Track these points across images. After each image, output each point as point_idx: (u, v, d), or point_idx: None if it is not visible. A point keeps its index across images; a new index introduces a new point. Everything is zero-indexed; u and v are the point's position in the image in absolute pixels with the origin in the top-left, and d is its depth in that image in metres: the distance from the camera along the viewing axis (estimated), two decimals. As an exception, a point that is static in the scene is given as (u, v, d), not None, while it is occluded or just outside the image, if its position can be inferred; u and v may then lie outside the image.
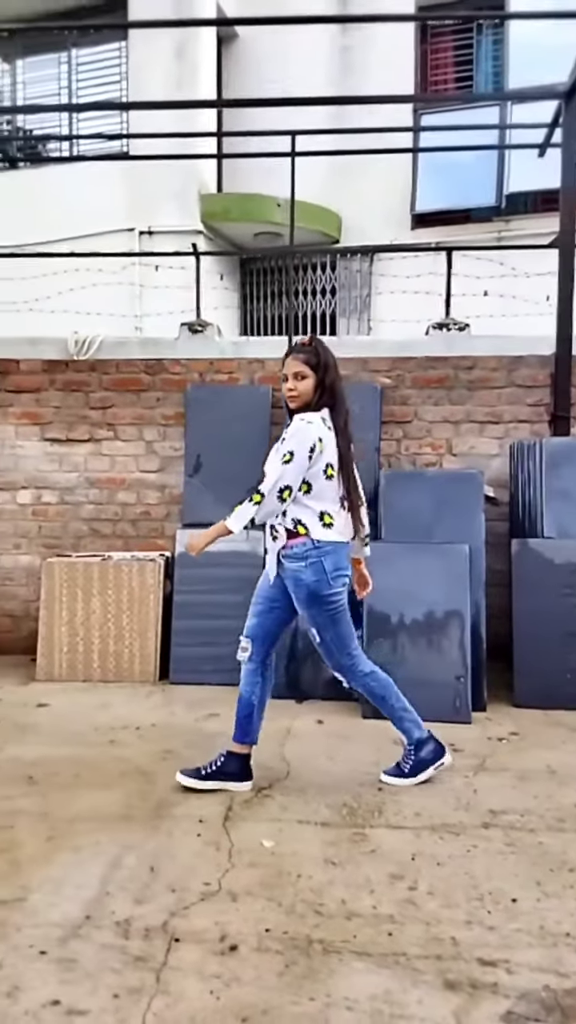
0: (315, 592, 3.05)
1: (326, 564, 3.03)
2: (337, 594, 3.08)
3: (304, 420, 3.03)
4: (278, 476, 2.97)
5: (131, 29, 8.93)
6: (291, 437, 3.00)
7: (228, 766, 3.15)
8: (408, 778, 3.17)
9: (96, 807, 2.98)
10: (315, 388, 3.09)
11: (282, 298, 9.88)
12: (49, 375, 5.34)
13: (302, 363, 3.09)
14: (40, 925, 2.22)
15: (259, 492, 2.98)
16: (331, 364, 3.13)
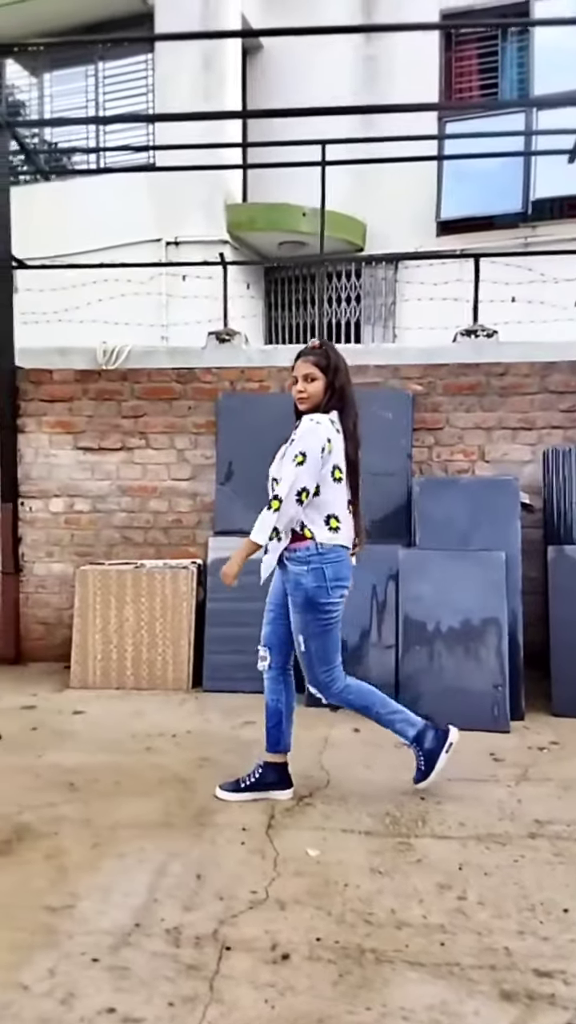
0: (312, 599, 3.00)
1: (327, 572, 2.99)
2: (333, 604, 3.03)
3: (313, 420, 3.02)
4: (293, 479, 2.93)
5: (157, 42, 9.02)
6: (301, 438, 2.98)
7: (267, 776, 3.14)
8: (429, 775, 3.10)
9: (138, 814, 2.99)
10: (325, 390, 3.08)
11: (306, 306, 9.91)
12: (82, 384, 5.39)
13: (312, 365, 3.09)
14: (91, 932, 2.23)
15: (277, 498, 2.94)
16: (341, 367, 3.12)
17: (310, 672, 3.11)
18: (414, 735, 3.13)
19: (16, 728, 4.00)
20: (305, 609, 3.02)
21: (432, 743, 3.12)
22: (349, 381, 3.15)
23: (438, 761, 3.10)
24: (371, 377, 5.21)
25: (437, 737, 3.13)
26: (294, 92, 9.33)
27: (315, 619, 3.03)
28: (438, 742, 3.12)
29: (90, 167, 9.14)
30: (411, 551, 4.25)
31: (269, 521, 2.95)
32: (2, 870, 2.56)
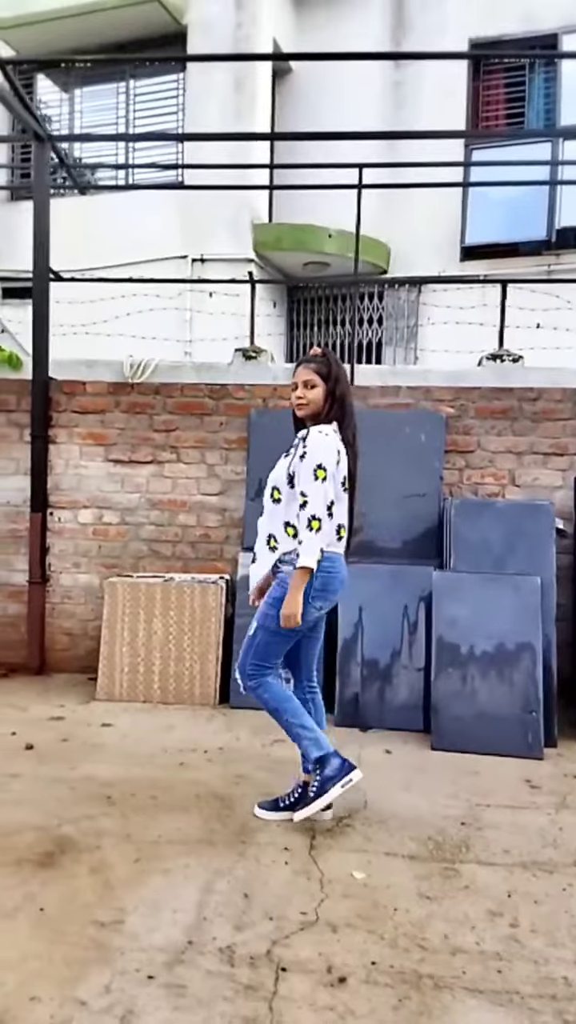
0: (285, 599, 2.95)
1: (315, 582, 2.93)
2: (306, 613, 2.93)
3: (321, 432, 3.01)
4: (322, 495, 2.92)
5: (190, 62, 9.13)
6: (314, 451, 2.95)
7: (305, 796, 3.12)
8: (314, 803, 2.94)
9: (178, 830, 2.97)
10: (325, 398, 3.09)
11: (328, 327, 9.97)
12: (114, 397, 5.41)
13: (313, 372, 3.10)
14: (144, 949, 2.21)
15: (316, 518, 2.89)
16: (342, 377, 3.14)
17: (243, 656, 3.10)
18: (318, 756, 3.02)
19: (46, 739, 3.99)
20: (274, 605, 2.99)
21: (333, 771, 2.99)
22: (349, 392, 3.16)
23: (329, 792, 2.95)
24: (403, 398, 5.23)
25: (341, 767, 3.01)
26: (321, 115, 9.44)
27: (278, 617, 2.94)
28: (339, 772, 2.99)
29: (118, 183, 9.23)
30: (445, 573, 4.25)
31: (316, 543, 2.90)
32: (49, 883, 2.55)
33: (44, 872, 2.62)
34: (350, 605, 4.46)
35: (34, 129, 5.12)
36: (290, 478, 3.05)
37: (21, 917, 2.35)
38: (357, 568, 4.52)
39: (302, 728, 3.06)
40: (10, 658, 5.39)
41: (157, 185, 8.55)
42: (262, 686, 3.08)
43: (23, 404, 5.42)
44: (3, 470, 5.45)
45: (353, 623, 4.46)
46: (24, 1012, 1.93)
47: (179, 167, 8.65)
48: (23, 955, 2.16)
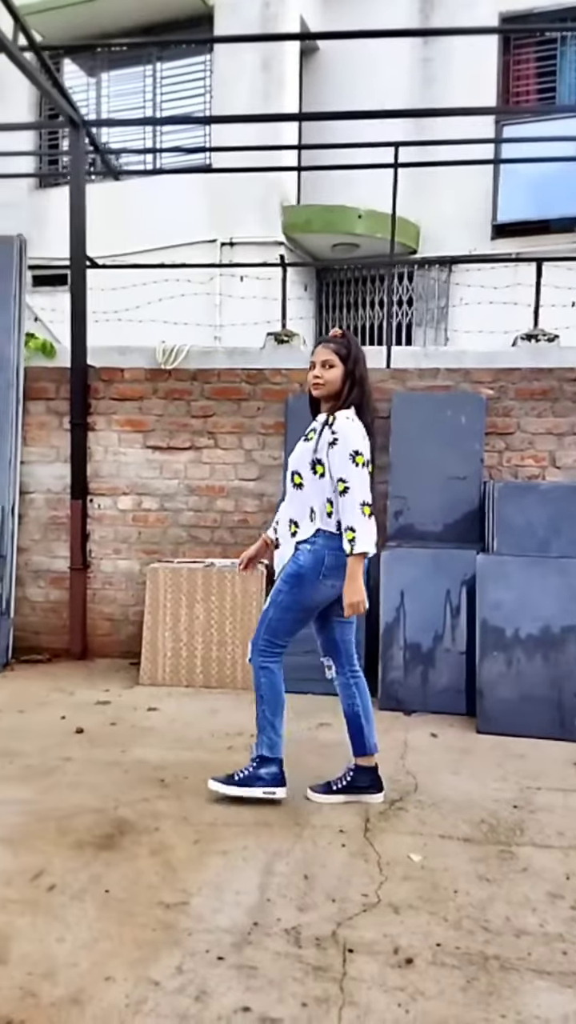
0: (301, 575, 2.99)
1: (327, 559, 2.97)
2: (317, 590, 2.99)
3: (348, 419, 3.01)
4: (365, 480, 2.93)
5: (216, 44, 9.06)
6: (347, 436, 2.95)
7: (359, 780, 3.14)
8: (231, 786, 3.05)
9: (232, 812, 3.00)
10: (343, 380, 3.06)
11: (357, 309, 9.90)
12: (152, 383, 5.42)
13: (332, 352, 3.08)
14: (211, 930, 2.24)
15: (366, 504, 2.92)
16: (361, 359, 3.10)
17: (257, 632, 3.12)
18: (265, 756, 3.08)
19: (95, 723, 4.04)
20: (287, 580, 3.03)
21: (265, 775, 3.06)
22: (368, 376, 3.13)
23: (248, 788, 3.04)
24: (441, 380, 5.19)
25: (273, 777, 3.07)
26: (349, 94, 9.33)
27: (290, 593, 3.01)
28: (267, 780, 3.06)
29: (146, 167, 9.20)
30: (490, 557, 4.23)
31: (371, 529, 2.94)
32: (113, 865, 2.59)
33: (106, 854, 2.67)
34: (392, 589, 4.46)
35: (69, 114, 5.11)
36: (313, 464, 3.05)
37: (88, 898, 2.39)
38: (398, 552, 4.53)
39: (272, 727, 3.10)
40: (53, 643, 5.46)
41: (189, 169, 8.50)
42: (267, 668, 3.10)
43: (62, 392, 5.45)
44: (43, 458, 5.50)
45: (395, 607, 4.46)
46: (99, 992, 1.97)
47: (207, 150, 8.60)
48: (94, 936, 2.20)
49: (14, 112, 9.93)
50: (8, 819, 2.90)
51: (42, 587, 5.53)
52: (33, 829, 2.83)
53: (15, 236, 5.38)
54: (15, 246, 5.34)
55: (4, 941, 2.17)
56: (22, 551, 5.48)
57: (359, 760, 3.17)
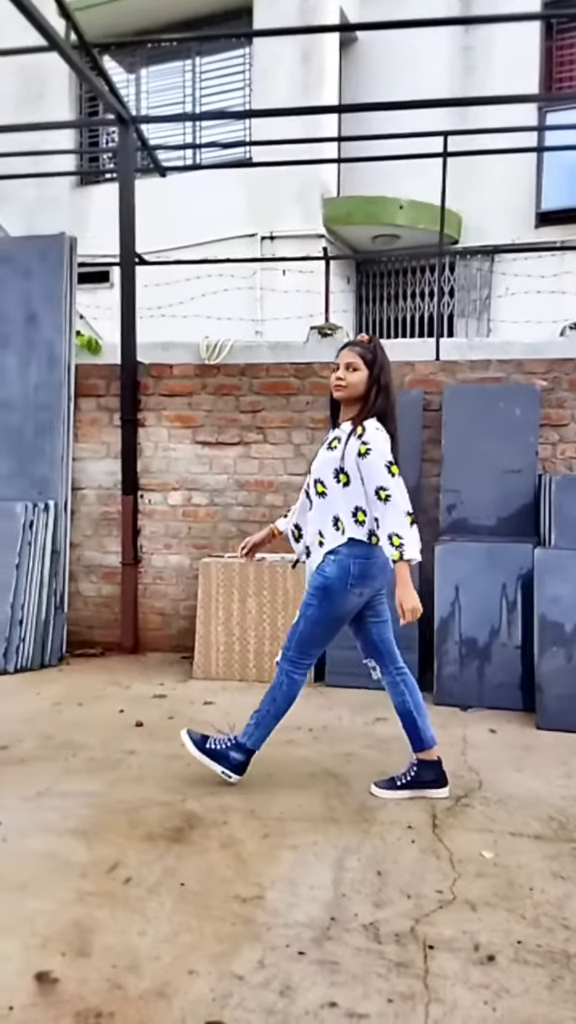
0: (328, 588, 3.01)
1: (353, 568, 2.99)
2: (347, 600, 3.02)
3: (378, 429, 2.99)
4: (404, 490, 2.94)
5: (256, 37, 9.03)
6: (379, 447, 2.94)
7: (424, 775, 3.13)
8: (201, 753, 3.15)
9: (299, 806, 3.01)
10: (368, 385, 3.05)
11: (398, 301, 9.84)
12: (201, 379, 5.44)
13: (357, 356, 3.07)
14: (289, 925, 2.25)
15: (411, 513, 2.93)
16: (387, 366, 3.09)
17: (288, 641, 3.13)
18: (241, 743, 3.15)
19: (153, 716, 4.08)
20: (315, 593, 3.05)
21: (234, 759, 3.14)
22: (393, 384, 3.11)
23: (211, 761, 3.14)
24: (493, 372, 5.14)
25: (237, 764, 3.15)
26: (388, 84, 9.24)
27: (319, 606, 3.03)
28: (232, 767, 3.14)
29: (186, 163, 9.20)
30: (548, 551, 4.18)
31: (416, 536, 2.94)
32: (185, 858, 2.61)
33: (178, 847, 2.69)
34: (446, 584, 4.44)
35: (118, 111, 5.13)
36: (337, 473, 3.05)
37: (164, 891, 2.42)
38: (453, 546, 4.50)
39: (268, 727, 3.15)
40: (105, 637, 5.52)
41: (231, 164, 8.50)
42: (292, 678, 3.13)
43: (112, 388, 5.49)
44: (94, 454, 5.55)
45: (450, 602, 4.43)
46: (184, 985, 1.99)
47: (247, 144, 8.58)
48: (174, 929, 2.22)
49: (54, 110, 10.02)
50: (79, 811, 2.94)
51: (94, 582, 5.59)
52: (104, 821, 2.86)
53: (65, 235, 5.42)
54: (65, 244, 5.38)
55: (86, 933, 2.20)
56: (74, 547, 5.54)
57: (419, 755, 3.16)
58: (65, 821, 2.86)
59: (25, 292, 5.38)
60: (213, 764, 3.15)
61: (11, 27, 9.93)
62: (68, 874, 2.51)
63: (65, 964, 2.06)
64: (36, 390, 5.35)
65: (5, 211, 10.20)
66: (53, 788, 3.17)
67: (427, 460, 5.10)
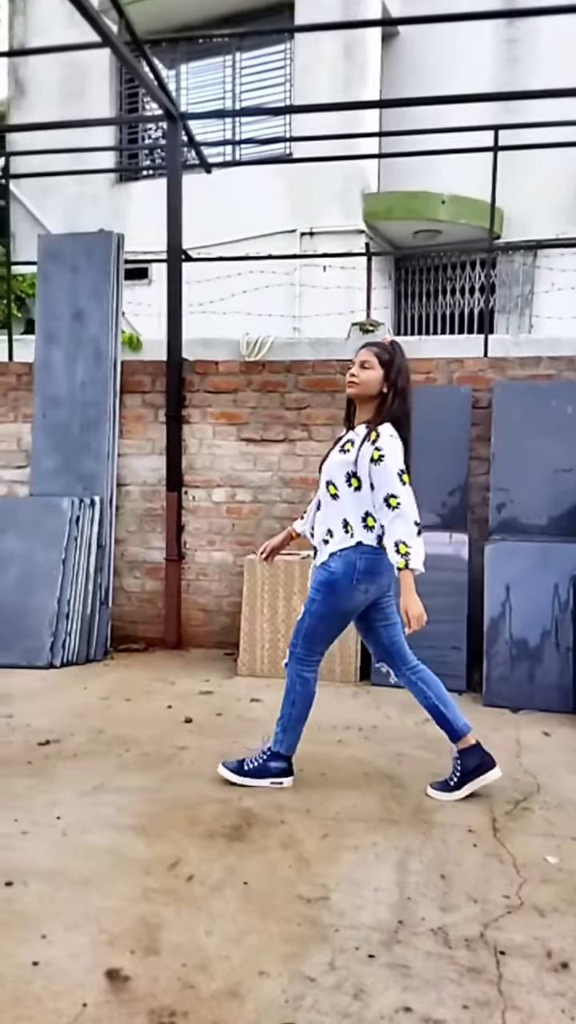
0: (333, 583, 2.99)
1: (359, 564, 2.97)
2: (352, 597, 3.00)
3: (392, 436, 2.96)
4: (413, 499, 2.92)
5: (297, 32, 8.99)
6: (392, 454, 2.92)
7: (469, 762, 3.09)
8: (242, 776, 3.14)
9: (355, 807, 2.99)
10: (381, 387, 3.02)
11: (436, 297, 9.76)
12: (246, 376, 5.43)
13: (372, 355, 3.05)
14: (356, 927, 2.23)
15: (417, 523, 2.90)
16: (404, 370, 3.04)
17: (294, 638, 3.13)
18: (276, 752, 3.15)
19: (202, 713, 4.08)
20: (320, 588, 3.04)
21: (274, 768, 3.14)
22: (411, 389, 3.07)
23: (254, 780, 3.12)
24: (544, 369, 5.07)
25: (282, 770, 3.15)
26: (430, 79, 9.16)
27: (324, 602, 3.02)
28: (276, 772, 3.14)
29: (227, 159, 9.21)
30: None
31: (420, 545, 2.91)
32: (246, 857, 2.60)
33: (238, 845, 2.68)
34: (497, 584, 4.38)
35: (167, 108, 5.13)
36: (348, 476, 3.03)
37: (227, 890, 2.41)
38: (504, 546, 4.45)
39: (294, 731, 3.17)
40: (148, 633, 5.54)
41: (274, 159, 8.46)
42: (304, 677, 3.14)
43: (157, 385, 5.50)
44: (139, 450, 5.56)
45: (500, 602, 4.38)
46: (256, 986, 1.98)
47: (289, 140, 8.55)
48: (240, 929, 2.21)
49: (95, 108, 10.07)
50: (136, 807, 2.95)
51: (138, 577, 5.61)
52: (162, 818, 2.86)
53: (112, 232, 5.44)
54: (112, 242, 5.39)
55: (153, 931, 2.20)
56: (118, 542, 5.57)
57: (458, 745, 3.13)
58: (123, 817, 2.87)
59: (72, 288, 5.41)
60: (260, 782, 3.14)
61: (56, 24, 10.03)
62: (130, 870, 2.51)
63: (135, 962, 2.06)
64: (83, 386, 5.38)
65: (46, 208, 10.30)
66: (108, 783, 3.17)
67: (475, 458, 5.04)
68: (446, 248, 9.26)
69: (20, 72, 10.71)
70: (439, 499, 4.94)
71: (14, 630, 4.95)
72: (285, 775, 3.17)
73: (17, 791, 3.08)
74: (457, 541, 4.67)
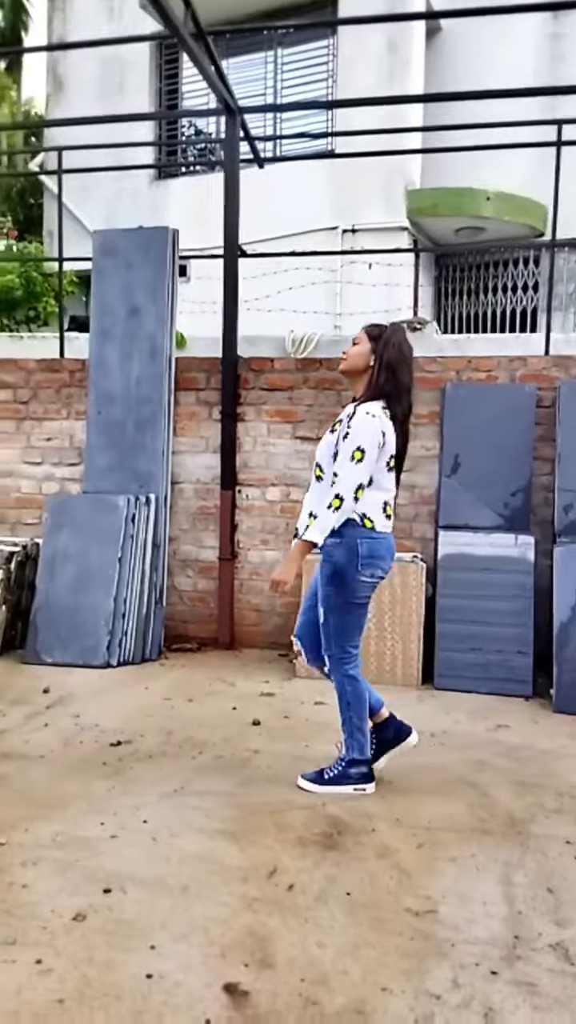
0: (340, 573, 2.97)
1: (361, 548, 2.95)
2: (361, 583, 2.99)
3: (368, 413, 2.94)
4: (352, 478, 2.89)
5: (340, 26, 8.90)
6: (357, 432, 2.91)
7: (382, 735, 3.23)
8: (323, 785, 3.07)
9: (445, 816, 2.91)
10: (370, 361, 3.01)
11: (478, 295, 9.64)
12: (303, 373, 5.36)
13: (363, 332, 3.06)
14: (472, 942, 2.16)
15: (338, 496, 2.89)
16: (393, 344, 3.01)
17: (326, 643, 3.09)
18: (356, 758, 3.09)
19: (268, 715, 4.02)
20: (331, 582, 3.00)
21: (356, 776, 3.08)
22: (405, 368, 3.04)
23: (338, 787, 3.06)
24: (612, 368, 4.96)
25: (362, 776, 3.09)
26: (474, 73, 9.04)
27: (339, 594, 2.99)
28: (358, 779, 3.08)
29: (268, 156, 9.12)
30: None
31: (329, 520, 2.90)
32: (344, 866, 2.53)
33: (332, 853, 2.62)
34: (566, 587, 4.30)
35: (227, 101, 5.06)
36: (333, 456, 3.02)
37: (331, 901, 2.34)
38: (574, 548, 4.35)
39: (360, 731, 3.11)
40: (200, 632, 5.49)
41: (320, 155, 8.36)
42: (351, 676, 3.10)
43: (212, 383, 5.44)
44: (193, 448, 5.51)
45: (570, 605, 4.30)
46: (381, 1003, 1.91)
47: (332, 135, 8.46)
48: (353, 942, 2.15)
49: (134, 102, 10.02)
50: (222, 811, 2.89)
51: (190, 576, 5.56)
52: (250, 823, 2.80)
53: (168, 228, 5.39)
54: (168, 238, 5.34)
55: (263, 942, 2.14)
56: (171, 541, 5.51)
57: (374, 719, 3.21)
58: (210, 821, 2.81)
59: (128, 285, 5.36)
60: (341, 789, 3.08)
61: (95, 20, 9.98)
62: (228, 878, 2.45)
63: (251, 976, 2.00)
64: (138, 383, 5.33)
65: (86, 206, 10.27)
66: (188, 786, 3.12)
67: (538, 458, 4.94)
68: (496, 244, 9.15)
69: (59, 68, 10.69)
70: (502, 500, 4.85)
71: (71, 628, 4.90)
72: (367, 780, 3.11)
73: (98, 793, 3.03)
74: (523, 543, 4.59)
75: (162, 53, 10.15)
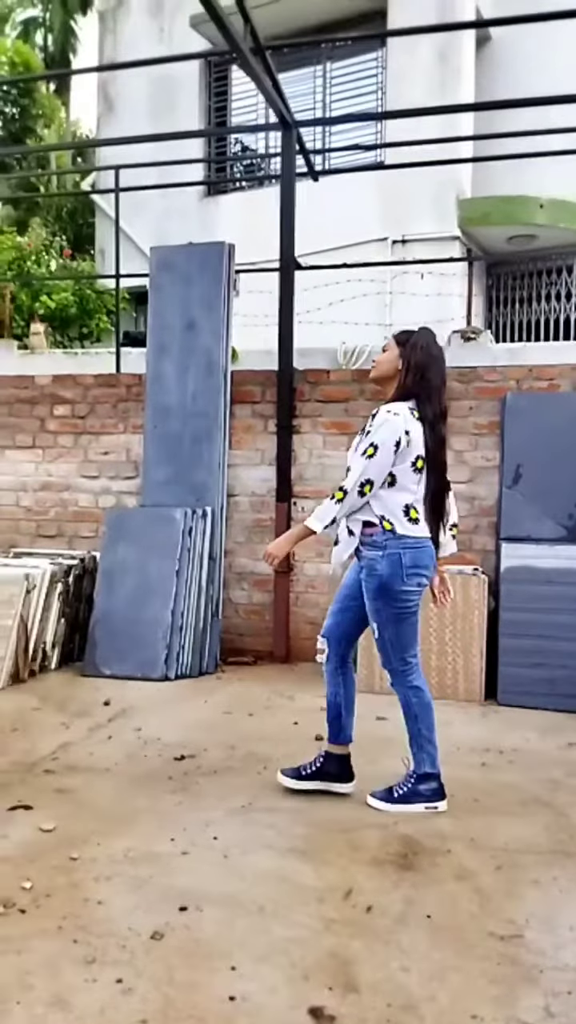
0: (386, 585, 2.92)
1: (404, 559, 2.90)
2: (409, 593, 2.94)
3: (391, 411, 2.90)
4: (360, 471, 2.86)
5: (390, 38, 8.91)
6: (376, 429, 2.89)
7: (328, 766, 3.16)
8: (393, 804, 3.00)
9: (521, 837, 2.83)
10: (399, 366, 2.97)
11: (530, 303, 9.53)
12: (359, 384, 5.33)
13: (392, 338, 3.06)
14: (562, 968, 2.08)
15: (342, 489, 2.88)
16: (421, 345, 2.95)
17: (384, 657, 3.07)
18: (428, 772, 3.04)
19: (331, 731, 3.95)
20: (378, 596, 2.94)
21: (427, 791, 3.03)
22: (434, 369, 2.97)
23: (410, 805, 3.00)
24: None
25: (433, 792, 3.04)
26: (524, 81, 8.98)
27: (387, 606, 2.95)
28: (430, 795, 3.03)
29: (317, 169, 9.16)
30: None
31: (330, 511, 2.91)
32: (422, 888, 2.47)
33: (409, 875, 2.55)
34: None
35: (283, 115, 5.08)
36: None
37: (412, 923, 2.28)
38: None
39: (430, 742, 3.08)
40: (255, 645, 5.46)
41: (372, 166, 8.36)
42: (415, 687, 3.08)
43: (267, 395, 5.44)
44: (248, 460, 5.51)
45: None
46: (472, 1031, 1.84)
47: (383, 146, 8.45)
48: (438, 966, 2.08)
49: (183, 122, 10.16)
50: (292, 829, 2.85)
51: (245, 589, 5.54)
52: (322, 841, 2.75)
53: (224, 243, 5.41)
54: (224, 252, 5.37)
55: (346, 966, 2.08)
56: (227, 553, 5.51)
57: (331, 747, 3.19)
58: (281, 839, 2.77)
59: (184, 299, 5.40)
60: (412, 807, 3.02)
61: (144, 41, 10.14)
62: (304, 898, 2.40)
63: (336, 1000, 1.94)
64: (194, 398, 5.35)
65: (134, 223, 10.40)
66: (255, 802, 3.08)
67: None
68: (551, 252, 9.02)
69: (109, 89, 10.89)
70: (566, 511, 4.75)
71: (129, 641, 4.92)
72: (439, 797, 3.05)
73: (166, 808, 3.01)
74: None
75: (211, 71, 10.28)
